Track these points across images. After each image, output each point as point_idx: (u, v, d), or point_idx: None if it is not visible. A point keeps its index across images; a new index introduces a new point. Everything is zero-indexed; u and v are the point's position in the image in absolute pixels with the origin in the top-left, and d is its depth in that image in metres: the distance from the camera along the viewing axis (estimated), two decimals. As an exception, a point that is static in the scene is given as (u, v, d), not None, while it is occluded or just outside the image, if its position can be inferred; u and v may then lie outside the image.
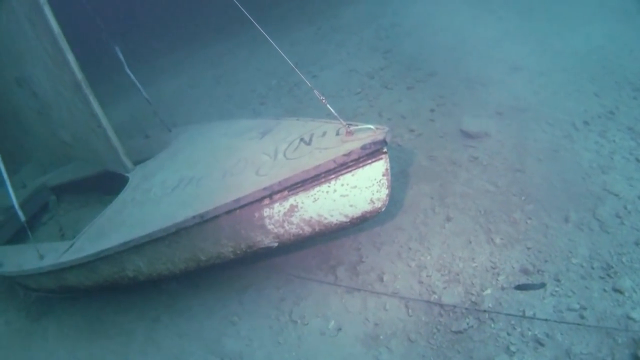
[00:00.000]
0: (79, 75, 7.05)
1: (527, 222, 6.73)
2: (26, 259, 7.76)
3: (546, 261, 6.21)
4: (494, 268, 6.29)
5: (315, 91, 5.68)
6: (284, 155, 5.68)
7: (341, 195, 5.34)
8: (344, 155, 5.11)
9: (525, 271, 6.15)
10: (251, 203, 5.48)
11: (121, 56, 8.55)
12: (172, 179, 6.58)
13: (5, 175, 7.83)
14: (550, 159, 7.55)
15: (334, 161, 5.14)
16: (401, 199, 7.40)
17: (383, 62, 11.14)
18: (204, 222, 5.66)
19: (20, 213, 7.68)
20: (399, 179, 7.73)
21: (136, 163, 7.67)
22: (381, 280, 6.55)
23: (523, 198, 7.06)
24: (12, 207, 8.16)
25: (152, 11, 19.82)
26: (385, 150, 5.14)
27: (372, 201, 5.39)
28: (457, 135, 8.40)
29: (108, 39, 8.38)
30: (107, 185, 8.98)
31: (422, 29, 11.83)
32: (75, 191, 10.13)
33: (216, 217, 5.62)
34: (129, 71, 8.61)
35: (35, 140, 9.06)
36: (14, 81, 8.47)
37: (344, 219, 5.54)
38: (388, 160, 5.21)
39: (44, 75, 7.72)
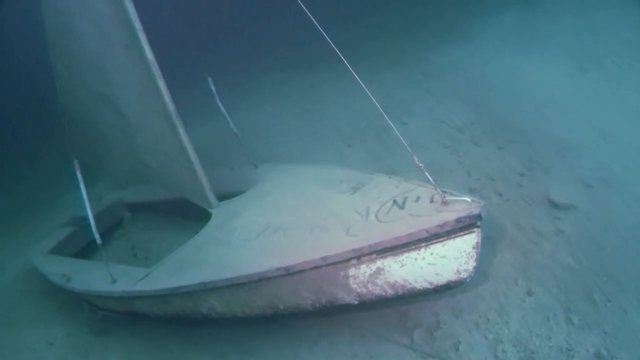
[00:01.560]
0: (171, 105, 7.21)
1: (606, 305, 6.69)
2: (97, 278, 7.90)
3: (621, 348, 6.12)
4: (569, 350, 6.25)
5: (415, 157, 5.71)
6: (376, 216, 5.71)
7: (429, 264, 5.36)
8: (438, 226, 5.14)
9: (599, 356, 6.12)
10: (338, 262, 5.50)
11: (213, 87, 8.72)
12: (257, 224, 6.63)
13: (82, 186, 8.03)
14: (635, 239, 7.48)
15: (427, 231, 5.17)
16: (484, 266, 7.38)
17: (473, 115, 11.12)
18: (288, 274, 5.69)
19: (93, 226, 7.83)
20: (483, 245, 7.65)
21: (219, 196, 7.76)
22: (457, 349, 6.54)
23: (604, 278, 7.02)
24: (86, 218, 8.33)
25: (240, 39, 20.02)
26: (478, 224, 5.12)
27: (458, 272, 5.41)
28: (544, 204, 8.36)
29: (200, 68, 8.49)
30: (182, 208, 9.11)
31: (513, 82, 11.80)
32: (151, 211, 10.29)
33: (301, 271, 5.65)
34: (219, 103, 8.78)
35: (115, 156, 9.21)
36: (99, 97, 8.62)
37: (428, 286, 5.56)
38: (480, 234, 5.19)
39: (132, 98, 7.90)
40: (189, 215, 9.07)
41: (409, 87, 13.29)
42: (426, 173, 5.56)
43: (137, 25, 7.12)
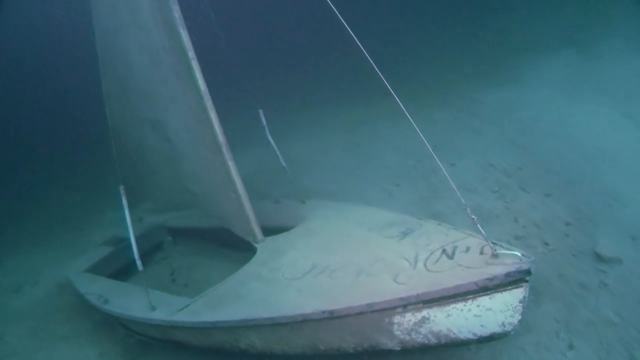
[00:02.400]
0: (221, 137, 7.32)
1: (645, 364, 6.62)
2: (135, 303, 7.96)
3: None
4: (608, 406, 6.21)
5: (467, 209, 5.72)
6: (425, 265, 5.76)
7: (474, 315, 5.40)
8: (487, 279, 5.17)
9: (635, 414, 6.05)
10: (384, 309, 5.54)
11: (264, 119, 8.83)
12: (303, 263, 6.67)
13: (127, 212, 8.11)
14: (679, 299, 7.38)
15: (476, 284, 5.21)
16: (526, 316, 7.35)
17: (521, 160, 11.14)
18: (332, 318, 5.74)
19: (136, 253, 7.92)
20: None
21: (263, 229, 7.81)
22: (496, 400, 6.53)
23: (646, 335, 6.94)
24: (125, 239, 8.42)
25: (291, 69, 20.13)
26: (527, 279, 5.15)
27: (503, 324, 5.45)
28: (589, 256, 8.35)
29: (251, 97, 8.58)
30: (224, 238, 9.08)
31: (562, 128, 11.84)
32: (192, 237, 10.43)
33: (346, 316, 5.69)
34: (269, 136, 8.85)
35: (160, 181, 9.33)
36: (147, 121, 8.79)
37: (472, 337, 5.58)
38: (528, 288, 5.21)
39: (181, 126, 8.03)
40: (230, 244, 9.13)
41: (457, 127, 13.38)
42: (478, 226, 5.59)
43: (191, 54, 7.25)
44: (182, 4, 7.24)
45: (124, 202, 8.26)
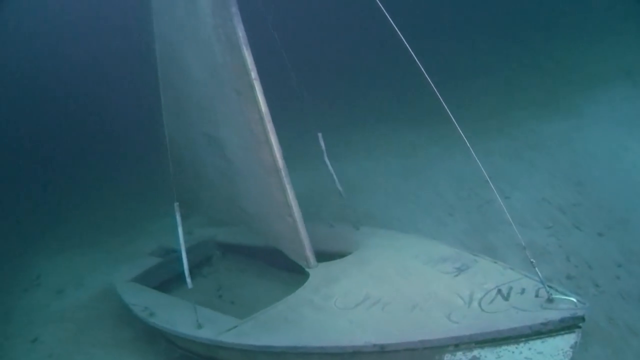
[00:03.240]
0: (280, 162, 7.41)
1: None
2: (182, 319, 8.06)
3: None
4: None
5: (526, 251, 5.77)
6: (479, 304, 5.82)
7: (525, 358, 5.47)
8: (542, 324, 5.22)
9: None
10: (436, 347, 5.60)
11: (322, 143, 8.92)
12: (356, 293, 6.72)
13: (179, 223, 8.22)
14: None
15: (530, 328, 5.27)
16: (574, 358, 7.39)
17: (576, 196, 11.17)
18: (383, 352, 5.81)
19: (187, 269, 8.03)
20: (576, 336, 7.73)
21: (316, 253, 7.85)
22: None
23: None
24: (174, 251, 8.53)
25: (349, 89, 20.17)
26: (580, 325, 5.20)
27: (552, 368, 5.44)
28: (639, 300, 8.29)
29: (309, 117, 8.65)
30: (275, 258, 9.12)
31: (618, 164, 11.84)
32: (241, 253, 10.54)
33: (397, 351, 5.76)
34: (327, 160, 8.93)
35: (213, 195, 9.41)
36: (204, 136, 8.89)
37: (520, 378, 5.59)
38: (580, 334, 5.26)
39: (239, 145, 8.12)
40: (279, 264, 9.20)
41: (512, 157, 13.40)
42: (536, 269, 5.64)
43: (254, 74, 7.36)
44: (246, 23, 7.34)
45: (178, 219, 8.39)
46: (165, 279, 10.04)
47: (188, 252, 8.49)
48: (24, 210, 17.48)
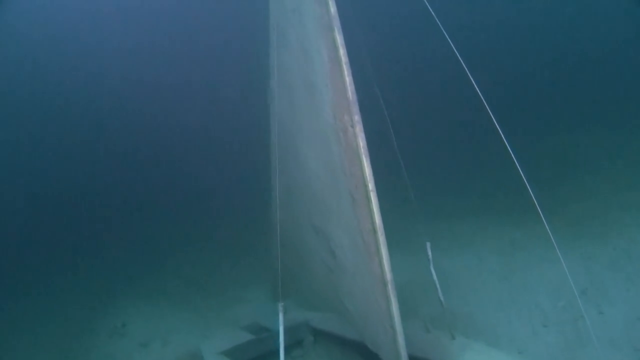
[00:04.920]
0: (389, 275, 7.64)
1: None
2: None
3: None
4: None
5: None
6: None
7: None
8: None
9: None
10: None
11: (430, 253, 9.32)
12: None
13: (281, 322, 8.63)
14: None
15: None
16: None
17: (673, 318, 10.99)
18: None
19: (281, 340, 8.55)
20: None
21: (410, 358, 7.99)
22: None
23: None
24: (268, 330, 8.85)
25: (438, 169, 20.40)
26: None
27: None
28: None
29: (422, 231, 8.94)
30: (366, 352, 9.27)
31: None
32: (333, 342, 10.88)
33: None
34: (433, 270, 9.30)
35: (313, 282, 9.85)
36: (312, 227, 9.33)
37: None
38: None
39: (348, 246, 8.46)
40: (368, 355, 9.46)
41: (611, 268, 13.24)
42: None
43: (371, 186, 7.63)
44: (367, 132, 7.60)
45: (281, 318, 8.78)
46: (254, 357, 10.33)
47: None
48: (118, 253, 18.17)
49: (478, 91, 7.00)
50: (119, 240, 19.08)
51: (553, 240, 6.42)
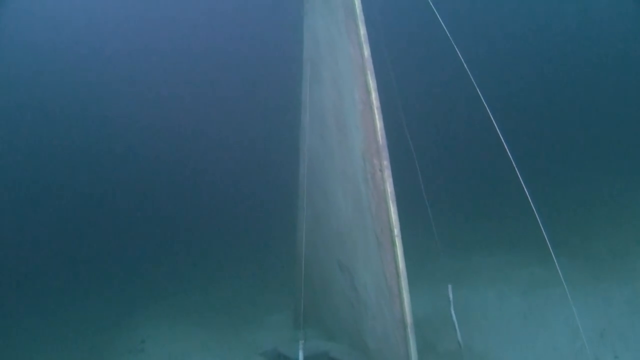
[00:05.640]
0: (409, 318, 7.85)
1: None
2: None
3: None
4: None
5: None
6: None
7: None
8: None
9: None
10: None
11: (451, 295, 9.48)
12: None
13: (301, 357, 8.77)
14: None
15: None
16: None
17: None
18: None
19: None
20: None
21: None
22: None
23: None
24: (286, 357, 9.03)
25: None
26: None
27: None
28: None
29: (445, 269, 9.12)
30: None
31: None
32: None
33: None
34: (453, 312, 9.45)
35: (335, 315, 10.11)
36: (337, 262, 9.57)
37: None
38: None
39: (371, 286, 8.71)
40: None
41: (628, 310, 13.17)
42: None
43: (397, 231, 7.84)
44: (395, 176, 7.76)
45: (301, 346, 8.98)
46: None
47: None
48: (142, 269, 18.51)
49: (501, 138, 7.18)
50: (143, 256, 19.42)
51: (565, 285, 6.58)
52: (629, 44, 25.02)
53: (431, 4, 7.74)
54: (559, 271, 6.61)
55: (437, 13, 7.66)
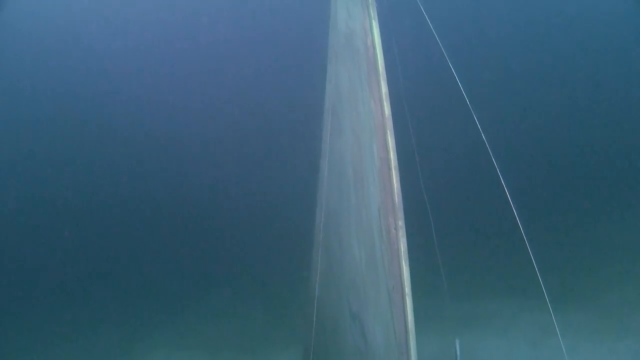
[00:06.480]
0: None
1: None
2: None
3: None
4: None
5: None
6: None
7: None
8: None
9: None
10: None
11: (458, 350, 9.62)
12: None
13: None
14: None
15: None
16: None
17: None
18: None
19: None
20: None
21: None
22: None
23: None
24: None
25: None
26: None
27: None
28: None
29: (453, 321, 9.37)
30: None
31: None
32: None
33: None
34: None
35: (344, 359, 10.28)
36: (349, 311, 9.79)
37: None
38: None
39: (381, 339, 8.93)
40: None
41: None
42: None
43: (408, 289, 7.94)
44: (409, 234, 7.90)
45: None
46: None
47: None
48: (154, 292, 18.65)
49: (507, 192, 7.40)
50: (153, 286, 19.39)
51: (560, 339, 6.63)
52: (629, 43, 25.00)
53: (449, 63, 7.97)
54: (556, 328, 6.68)
55: (455, 74, 7.91)
